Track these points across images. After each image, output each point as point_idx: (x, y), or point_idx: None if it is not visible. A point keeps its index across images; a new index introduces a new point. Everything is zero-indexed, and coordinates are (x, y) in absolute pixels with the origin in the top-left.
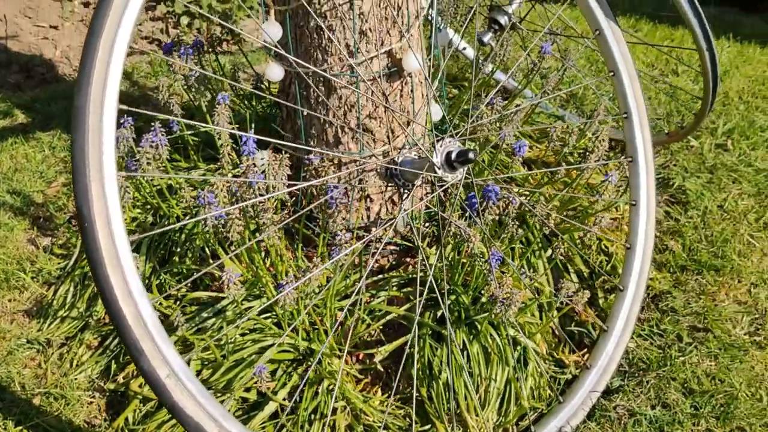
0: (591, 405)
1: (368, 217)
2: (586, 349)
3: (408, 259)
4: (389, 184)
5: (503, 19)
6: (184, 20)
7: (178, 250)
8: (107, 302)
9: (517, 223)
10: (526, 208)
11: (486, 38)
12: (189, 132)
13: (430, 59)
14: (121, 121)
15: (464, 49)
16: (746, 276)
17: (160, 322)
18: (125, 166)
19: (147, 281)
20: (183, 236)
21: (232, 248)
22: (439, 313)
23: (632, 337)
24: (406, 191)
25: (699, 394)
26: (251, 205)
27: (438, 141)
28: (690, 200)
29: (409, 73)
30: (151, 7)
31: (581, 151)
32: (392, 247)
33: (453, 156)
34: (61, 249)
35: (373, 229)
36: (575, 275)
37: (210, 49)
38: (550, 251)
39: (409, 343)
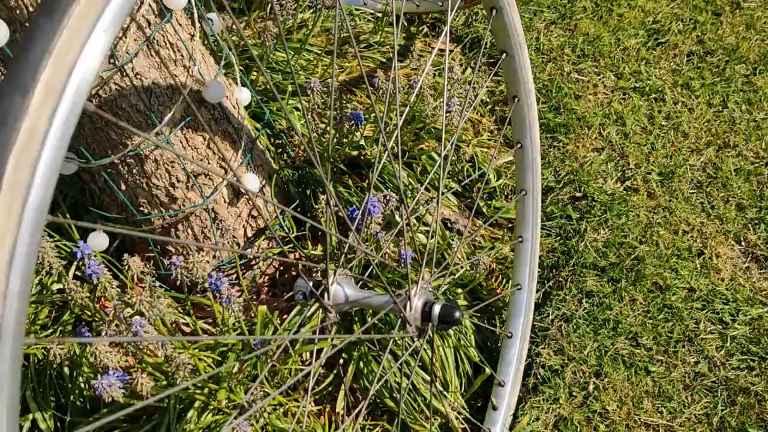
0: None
1: (238, 245)
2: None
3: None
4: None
5: None
6: None
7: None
8: None
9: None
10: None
11: None
12: None
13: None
14: None
15: None
16: (591, 118)
17: None
18: None
19: None
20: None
21: None
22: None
23: None
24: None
25: (610, 268)
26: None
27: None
28: None
29: (217, 102)
30: None
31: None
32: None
33: (435, 313)
34: None
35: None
36: (452, 196)
37: None
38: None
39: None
